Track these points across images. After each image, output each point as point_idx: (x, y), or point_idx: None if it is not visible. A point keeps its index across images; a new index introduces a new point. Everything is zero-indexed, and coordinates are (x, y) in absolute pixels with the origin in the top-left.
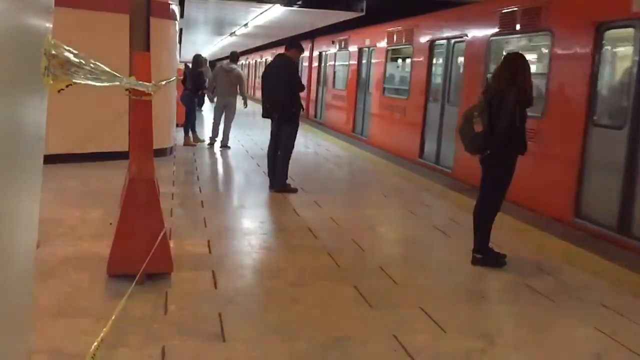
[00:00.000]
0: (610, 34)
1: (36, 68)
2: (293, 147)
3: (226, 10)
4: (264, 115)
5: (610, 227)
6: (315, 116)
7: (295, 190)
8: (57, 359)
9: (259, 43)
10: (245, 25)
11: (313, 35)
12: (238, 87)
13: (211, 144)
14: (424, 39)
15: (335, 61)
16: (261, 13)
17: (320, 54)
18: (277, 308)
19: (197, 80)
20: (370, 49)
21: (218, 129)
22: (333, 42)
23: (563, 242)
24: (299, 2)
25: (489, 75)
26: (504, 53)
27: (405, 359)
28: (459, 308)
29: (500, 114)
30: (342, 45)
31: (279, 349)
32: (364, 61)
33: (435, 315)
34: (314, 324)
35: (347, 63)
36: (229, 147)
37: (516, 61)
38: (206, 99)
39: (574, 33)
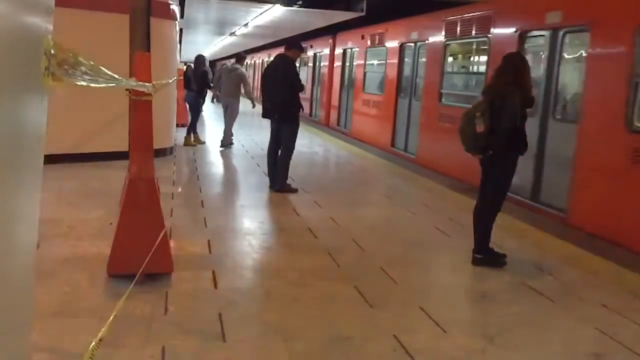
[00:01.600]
0: None
1: (36, 68)
2: (294, 147)
3: (226, 10)
4: (264, 115)
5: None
6: (339, 124)
7: (295, 190)
8: (57, 358)
9: (259, 43)
10: (246, 25)
11: (334, 30)
12: (242, 87)
13: (228, 145)
14: (508, 30)
15: (366, 60)
16: (261, 13)
17: (345, 51)
18: (277, 308)
19: (202, 81)
20: (418, 44)
21: (231, 132)
22: (363, 37)
23: (563, 242)
24: (299, 2)
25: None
26: None
27: (405, 358)
28: (459, 308)
29: (501, 114)
30: (377, 41)
31: (279, 349)
32: (407, 60)
33: (435, 315)
34: (314, 324)
35: (383, 62)
36: (229, 147)
37: (518, 62)
38: (207, 99)
39: None
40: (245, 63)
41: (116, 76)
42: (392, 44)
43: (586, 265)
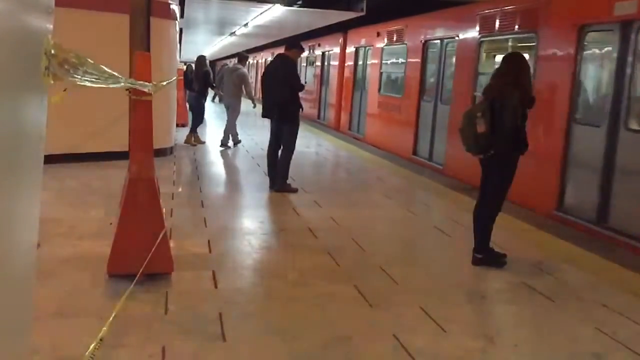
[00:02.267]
0: None
1: (37, 68)
2: (294, 147)
3: (226, 10)
4: (264, 115)
5: None
6: (350, 128)
7: (295, 190)
8: (57, 358)
9: (259, 43)
10: (246, 25)
11: (345, 27)
12: (243, 87)
13: (235, 144)
14: (562, 24)
15: (382, 59)
16: (261, 13)
17: (357, 50)
18: (277, 308)
19: (203, 81)
20: (446, 41)
21: (235, 130)
22: (379, 35)
23: (563, 242)
24: (299, 2)
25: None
26: None
27: (405, 358)
28: (460, 308)
29: (503, 114)
30: (395, 38)
31: (279, 348)
32: (432, 59)
33: (435, 315)
34: (314, 324)
35: (403, 61)
36: (229, 147)
37: (518, 61)
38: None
39: None
40: (247, 63)
41: (117, 74)
42: (414, 41)
43: (586, 265)
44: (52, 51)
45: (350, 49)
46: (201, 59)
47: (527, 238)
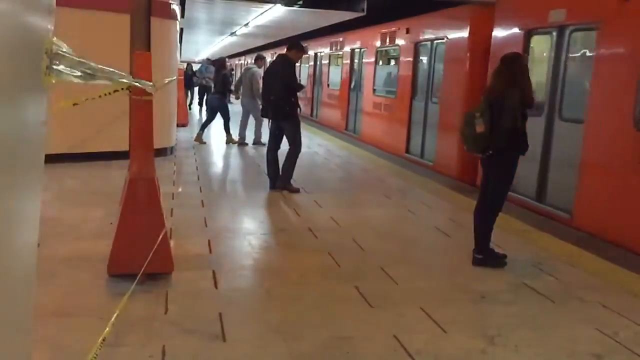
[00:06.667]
0: None
1: (37, 68)
2: (300, 144)
3: (227, 10)
4: (262, 114)
5: None
6: (524, 191)
7: (297, 190)
8: (58, 358)
9: (260, 43)
10: (246, 25)
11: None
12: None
13: (239, 144)
14: None
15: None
16: (262, 13)
17: (530, 33)
18: (277, 308)
19: (222, 83)
20: None
21: (244, 131)
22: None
23: (564, 242)
24: (300, 2)
25: None
26: None
27: (405, 359)
28: (460, 308)
29: (502, 114)
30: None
31: (279, 348)
32: None
33: (435, 316)
34: (314, 324)
35: None
36: (263, 144)
37: (516, 61)
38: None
39: None
40: (264, 63)
41: (118, 71)
42: None
43: (586, 266)
44: (54, 51)
45: (502, 33)
46: (221, 61)
47: (527, 238)
